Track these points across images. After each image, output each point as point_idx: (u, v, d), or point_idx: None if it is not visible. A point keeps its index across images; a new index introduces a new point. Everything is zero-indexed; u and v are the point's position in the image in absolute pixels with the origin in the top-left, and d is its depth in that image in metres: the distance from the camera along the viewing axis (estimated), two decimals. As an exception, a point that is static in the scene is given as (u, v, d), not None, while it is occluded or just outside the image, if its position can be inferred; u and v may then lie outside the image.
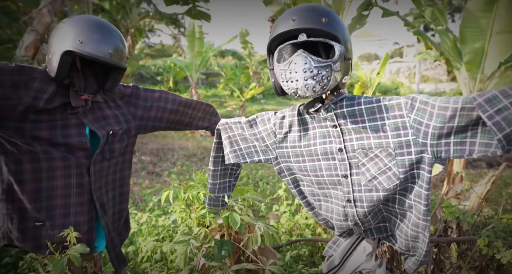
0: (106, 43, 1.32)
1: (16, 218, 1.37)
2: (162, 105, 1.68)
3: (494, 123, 0.89)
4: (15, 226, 1.37)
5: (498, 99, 0.89)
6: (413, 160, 1.06)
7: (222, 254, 1.37)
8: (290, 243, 2.08)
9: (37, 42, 4.20)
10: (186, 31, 8.67)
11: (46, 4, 4.21)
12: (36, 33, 4.18)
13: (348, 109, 1.14)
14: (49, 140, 1.34)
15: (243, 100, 12.47)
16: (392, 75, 20.31)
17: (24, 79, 1.28)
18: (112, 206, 1.51)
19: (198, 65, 9.11)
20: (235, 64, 16.77)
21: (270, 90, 16.90)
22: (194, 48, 8.68)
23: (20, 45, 4.14)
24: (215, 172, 1.48)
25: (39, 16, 4.20)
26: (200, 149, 5.95)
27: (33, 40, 4.17)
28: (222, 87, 15.83)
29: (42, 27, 4.22)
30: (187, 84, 15.39)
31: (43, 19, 4.21)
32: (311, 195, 1.36)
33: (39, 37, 4.21)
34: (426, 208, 1.07)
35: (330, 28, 1.05)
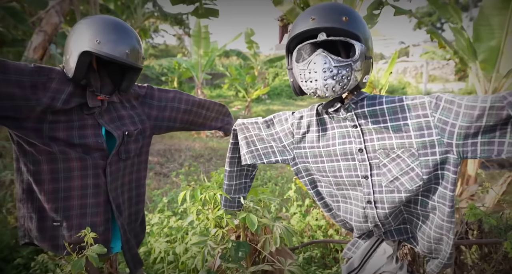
0: (123, 43, 1.32)
1: (35, 217, 1.38)
2: (176, 106, 1.69)
3: None
4: (34, 225, 1.39)
5: None
6: (437, 161, 1.05)
7: (239, 255, 1.37)
8: (307, 244, 2.08)
9: (45, 43, 4.23)
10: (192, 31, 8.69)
11: (54, 4, 4.24)
12: (44, 34, 4.21)
13: (369, 109, 1.13)
14: (66, 140, 1.35)
15: (249, 100, 12.48)
16: (399, 75, 20.21)
17: (43, 80, 1.29)
18: (128, 206, 1.52)
19: (204, 65, 9.13)
20: (239, 64, 16.79)
21: (275, 90, 16.92)
22: (200, 48, 8.69)
23: (28, 46, 4.17)
24: (231, 173, 1.48)
25: (47, 17, 4.23)
26: (207, 149, 5.96)
27: (42, 41, 4.20)
28: (227, 88, 15.86)
29: (50, 28, 4.25)
30: (192, 85, 15.43)
31: (51, 19, 4.25)
32: (329, 196, 1.35)
33: (47, 38, 4.25)
34: (451, 209, 1.06)
35: (351, 27, 1.04)
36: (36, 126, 1.30)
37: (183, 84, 15.78)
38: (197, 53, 8.87)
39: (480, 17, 2.63)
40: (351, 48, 1.13)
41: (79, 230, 1.37)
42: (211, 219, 1.34)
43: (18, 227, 1.46)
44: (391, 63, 4.64)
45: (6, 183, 2.78)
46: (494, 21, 2.56)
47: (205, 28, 8.54)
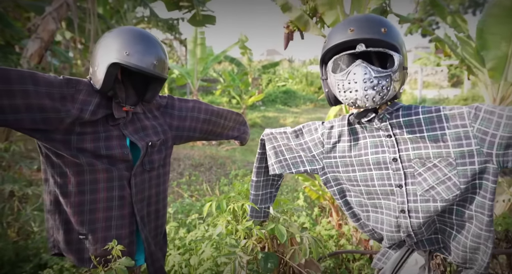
0: (150, 54, 1.34)
1: (62, 229, 1.39)
2: (196, 115, 1.70)
3: None
4: (62, 237, 1.39)
5: None
6: (476, 170, 1.09)
7: (269, 266, 1.38)
8: (332, 255, 2.09)
9: (41, 50, 4.21)
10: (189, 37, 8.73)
11: (51, 11, 4.23)
12: (40, 40, 4.19)
13: (405, 119, 1.17)
14: (94, 151, 1.35)
15: (244, 107, 12.52)
16: (393, 81, 20.51)
17: (71, 91, 1.30)
18: (154, 219, 1.52)
19: (200, 72, 9.16)
20: (232, 70, 16.86)
21: (269, 97, 17.01)
22: (196, 55, 8.73)
23: (24, 53, 4.14)
24: (258, 182, 1.50)
25: (44, 23, 4.22)
26: (207, 158, 5.95)
27: (38, 48, 4.17)
28: (219, 94, 15.87)
29: (47, 35, 4.23)
30: (183, 91, 15.41)
31: (48, 26, 4.23)
32: (359, 205, 1.37)
33: (43, 45, 4.22)
34: (490, 219, 1.09)
35: (390, 38, 1.08)
36: (65, 138, 1.30)
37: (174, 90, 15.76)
38: (193, 60, 8.89)
39: (487, 26, 2.72)
40: (386, 58, 1.17)
41: (104, 243, 1.37)
42: (240, 230, 1.35)
43: (48, 238, 1.47)
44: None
45: (5, 195, 2.74)
46: (502, 29, 2.65)
47: (202, 34, 8.59)
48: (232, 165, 5.76)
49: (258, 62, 21.92)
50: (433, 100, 15.00)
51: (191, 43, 8.73)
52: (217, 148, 7.38)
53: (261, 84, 18.04)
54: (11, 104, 1.17)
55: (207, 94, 17.44)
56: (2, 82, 1.15)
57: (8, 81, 1.17)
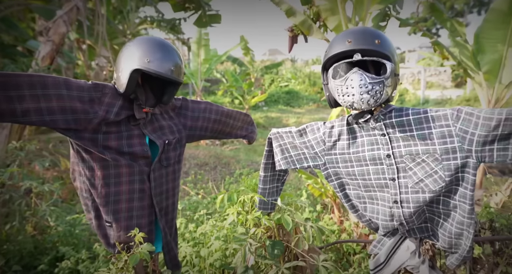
0: (168, 61, 1.51)
1: (93, 215, 1.58)
2: (207, 116, 1.87)
3: None
4: (95, 222, 1.59)
5: None
6: (458, 165, 1.25)
7: (275, 253, 1.55)
8: (333, 244, 2.26)
9: (53, 52, 4.39)
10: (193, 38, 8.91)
11: (62, 14, 4.41)
12: (52, 43, 4.37)
13: (397, 119, 1.33)
14: (117, 149, 1.52)
15: (247, 108, 12.69)
16: (396, 82, 20.60)
17: (98, 95, 1.47)
18: (170, 211, 1.70)
19: (203, 73, 9.33)
20: (234, 70, 17.02)
21: (272, 97, 17.16)
22: (200, 56, 8.91)
23: (36, 55, 4.33)
24: (266, 177, 1.66)
25: (55, 26, 4.40)
26: (212, 157, 6.13)
27: (49, 51, 4.36)
28: (221, 94, 16.04)
29: (58, 38, 4.41)
30: (185, 91, 15.59)
31: (59, 29, 4.41)
32: (357, 197, 1.54)
33: (55, 47, 4.40)
34: (471, 207, 1.26)
35: (383, 48, 1.25)
36: (93, 137, 1.48)
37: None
38: (197, 61, 9.08)
39: (483, 31, 2.88)
40: (380, 66, 1.34)
41: (127, 231, 1.55)
42: (250, 220, 1.52)
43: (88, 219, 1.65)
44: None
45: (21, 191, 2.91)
46: (497, 35, 2.81)
47: (206, 35, 8.77)
48: (237, 164, 5.93)
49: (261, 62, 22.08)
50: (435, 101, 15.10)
51: (195, 44, 8.90)
52: (221, 148, 7.55)
53: (263, 85, 18.18)
54: (48, 107, 1.35)
55: (209, 94, 17.62)
56: (40, 88, 1.33)
57: (45, 86, 1.35)
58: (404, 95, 17.16)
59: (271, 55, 54.93)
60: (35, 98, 1.31)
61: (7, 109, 1.27)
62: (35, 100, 1.31)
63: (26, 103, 1.30)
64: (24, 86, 1.30)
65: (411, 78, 21.63)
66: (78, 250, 2.79)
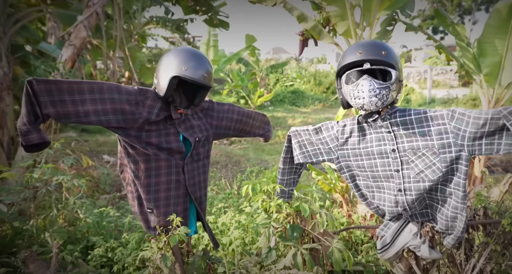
0: (201, 69, 1.76)
1: (136, 203, 1.82)
2: (230, 116, 2.12)
3: None
4: (138, 209, 1.83)
5: None
6: (453, 157, 1.49)
7: (294, 235, 1.79)
8: (344, 230, 2.51)
9: (74, 56, 4.67)
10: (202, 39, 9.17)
11: (82, 20, 4.69)
12: (73, 47, 4.65)
13: (401, 119, 1.57)
14: (157, 145, 1.78)
15: (253, 107, 12.94)
16: (402, 81, 20.71)
17: (142, 98, 1.73)
18: (204, 200, 1.96)
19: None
20: (239, 69, 17.24)
21: (277, 97, 17.37)
22: (208, 57, 9.17)
23: (59, 59, 4.61)
24: (284, 169, 1.91)
25: (76, 31, 4.68)
26: (222, 156, 6.38)
27: (71, 54, 4.64)
28: (226, 94, 16.29)
29: (79, 42, 4.69)
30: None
31: (80, 34, 4.69)
32: (366, 187, 1.78)
33: (76, 51, 4.69)
34: (464, 194, 1.49)
35: (388, 58, 1.49)
36: (138, 134, 1.73)
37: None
38: (205, 61, 9.33)
39: (484, 35, 3.10)
40: (386, 73, 1.58)
41: (165, 217, 1.81)
42: (273, 206, 1.76)
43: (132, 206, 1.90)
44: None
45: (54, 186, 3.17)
46: (497, 39, 3.03)
47: (214, 36, 9.03)
48: (247, 162, 6.18)
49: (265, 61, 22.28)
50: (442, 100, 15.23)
51: (203, 45, 9.16)
52: (230, 147, 7.80)
53: (269, 84, 18.39)
54: (104, 109, 1.61)
55: (214, 94, 17.88)
56: (97, 93, 1.59)
57: (101, 91, 1.61)
58: (410, 95, 17.28)
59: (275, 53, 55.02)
60: (94, 101, 1.57)
61: (73, 111, 1.53)
62: (94, 103, 1.57)
63: (87, 106, 1.56)
64: (85, 91, 1.56)
65: (418, 77, 21.73)
66: (106, 239, 3.05)
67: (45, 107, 1.50)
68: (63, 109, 1.53)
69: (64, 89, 1.53)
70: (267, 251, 1.78)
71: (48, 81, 1.51)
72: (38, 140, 1.53)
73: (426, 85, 17.70)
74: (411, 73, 22.32)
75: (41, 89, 1.48)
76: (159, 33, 13.48)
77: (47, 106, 1.50)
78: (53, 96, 1.51)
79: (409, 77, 22.04)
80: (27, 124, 1.49)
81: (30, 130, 1.50)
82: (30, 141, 1.52)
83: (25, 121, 1.49)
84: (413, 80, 21.54)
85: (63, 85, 1.53)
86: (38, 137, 1.52)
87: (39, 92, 1.48)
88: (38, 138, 1.53)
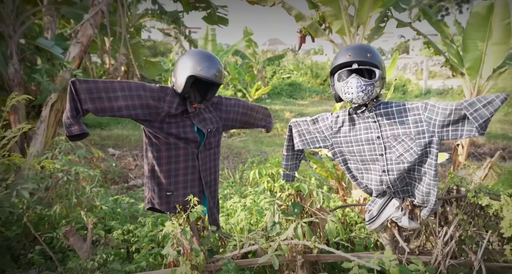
0: (213, 68, 2.07)
1: (156, 189, 2.13)
2: (237, 110, 2.44)
3: (473, 118, 1.66)
4: (156, 194, 2.13)
5: (476, 103, 1.66)
6: (426, 142, 1.82)
7: (295, 211, 2.13)
8: (339, 207, 2.86)
9: (81, 53, 4.94)
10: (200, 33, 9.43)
11: (89, 18, 4.95)
12: (81, 44, 4.93)
13: (384, 110, 1.90)
14: (177, 135, 2.10)
15: (250, 100, 13.24)
16: (399, 72, 21.07)
17: (163, 95, 2.04)
18: (213, 184, 2.28)
19: (210, 67, 9.84)
20: (235, 62, 17.46)
21: (275, 89, 17.67)
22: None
23: (67, 56, 4.88)
24: (288, 156, 2.24)
25: (83, 29, 4.95)
26: (223, 148, 6.70)
27: (79, 52, 4.91)
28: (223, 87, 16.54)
29: (86, 39, 4.96)
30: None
31: (86, 32, 4.96)
32: (356, 169, 2.11)
33: (83, 49, 4.96)
34: (435, 172, 1.83)
35: (373, 60, 1.81)
36: (160, 126, 2.05)
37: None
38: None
39: (467, 32, 3.43)
40: (371, 72, 1.90)
41: (184, 197, 2.13)
42: (277, 186, 2.09)
43: (144, 197, 2.20)
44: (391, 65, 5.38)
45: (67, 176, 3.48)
46: (477, 36, 3.36)
47: (212, 31, 9.29)
48: (247, 154, 6.51)
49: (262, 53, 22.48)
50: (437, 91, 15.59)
51: (202, 39, 9.42)
52: (230, 140, 8.13)
53: (266, 77, 18.64)
54: (133, 104, 1.92)
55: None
56: (127, 90, 1.91)
57: (131, 89, 1.92)
58: (407, 86, 17.63)
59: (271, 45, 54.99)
60: (125, 98, 1.89)
61: (108, 107, 1.85)
62: (125, 99, 1.89)
63: (119, 102, 1.88)
64: (117, 89, 1.88)
65: (415, 68, 22.05)
66: (122, 224, 3.38)
67: (85, 103, 1.82)
68: (100, 105, 1.84)
69: (101, 88, 1.84)
70: (272, 225, 2.11)
71: (87, 81, 1.82)
72: (79, 131, 1.84)
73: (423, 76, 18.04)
74: (408, 64, 22.61)
75: (82, 88, 1.80)
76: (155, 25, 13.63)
77: (86, 103, 1.82)
78: (92, 94, 1.82)
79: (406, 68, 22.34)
80: (70, 118, 1.81)
81: (73, 123, 1.82)
82: (72, 132, 1.83)
83: (68, 116, 1.81)
84: (410, 71, 21.85)
85: (100, 85, 1.85)
86: (79, 129, 1.84)
87: (80, 91, 1.80)
88: (79, 129, 1.84)
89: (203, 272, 2.09)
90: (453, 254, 2.00)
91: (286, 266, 2.21)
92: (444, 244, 1.96)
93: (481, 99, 1.67)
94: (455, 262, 1.95)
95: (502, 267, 1.97)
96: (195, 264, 2.02)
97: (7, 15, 4.88)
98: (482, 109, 1.66)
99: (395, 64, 5.34)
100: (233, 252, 2.16)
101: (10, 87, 4.97)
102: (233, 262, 2.04)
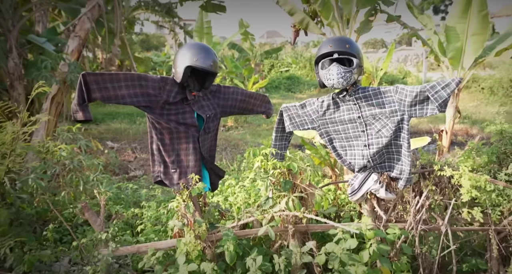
0: (209, 59, 2.42)
1: (162, 165, 2.49)
2: (235, 97, 2.79)
3: (434, 98, 2.03)
4: (162, 169, 2.50)
5: (436, 86, 2.03)
6: (398, 119, 2.19)
7: (287, 187, 2.49)
8: (326, 185, 3.24)
9: (80, 47, 5.28)
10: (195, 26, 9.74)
11: (86, 12, 5.29)
12: (79, 38, 5.26)
13: (362, 94, 2.26)
14: (177, 121, 2.45)
15: (248, 94, 13.51)
16: (400, 64, 21.42)
17: (163, 84, 2.39)
18: (211, 162, 2.64)
19: (206, 61, 10.15)
20: (232, 55, 17.73)
21: (273, 83, 18.00)
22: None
23: (66, 50, 5.22)
24: (277, 137, 2.61)
25: (80, 23, 5.28)
26: (221, 140, 7.07)
27: (77, 45, 5.25)
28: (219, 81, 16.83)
29: (84, 33, 5.29)
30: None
31: (84, 25, 5.29)
32: (341, 147, 2.48)
33: (81, 42, 5.30)
34: (408, 145, 2.20)
35: (351, 50, 2.17)
36: (161, 112, 2.40)
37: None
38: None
39: (448, 24, 3.79)
40: (350, 61, 2.26)
41: (186, 175, 2.49)
42: (270, 164, 2.45)
43: (152, 172, 2.56)
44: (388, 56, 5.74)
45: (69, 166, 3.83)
46: (459, 27, 3.72)
47: (208, 23, 9.60)
48: (245, 145, 6.88)
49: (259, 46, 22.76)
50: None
51: (197, 32, 9.73)
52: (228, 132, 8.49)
53: (263, 70, 18.95)
54: (135, 92, 2.28)
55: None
56: (130, 80, 2.26)
57: (133, 79, 2.28)
58: (407, 78, 18.00)
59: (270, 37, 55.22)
60: (128, 87, 2.24)
61: (113, 95, 2.21)
62: (128, 88, 2.24)
63: (123, 91, 2.23)
64: (122, 79, 2.23)
65: (415, 60, 22.42)
66: (126, 209, 3.74)
67: (93, 93, 2.17)
68: (107, 94, 2.20)
69: (107, 79, 2.20)
70: (266, 199, 2.48)
71: (95, 73, 2.18)
72: (82, 118, 2.20)
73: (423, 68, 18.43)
74: (409, 56, 22.97)
75: (91, 80, 2.15)
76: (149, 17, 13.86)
77: (95, 92, 2.18)
78: (99, 84, 2.18)
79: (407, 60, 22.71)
80: (77, 105, 2.17)
81: (78, 110, 2.18)
82: (78, 117, 2.20)
83: (75, 103, 2.17)
84: (410, 63, 22.22)
85: (106, 76, 2.20)
86: (83, 115, 2.19)
87: (89, 82, 2.15)
88: (83, 116, 2.20)
89: (205, 241, 2.46)
90: (425, 221, 2.37)
91: (280, 236, 2.58)
92: (417, 212, 2.33)
93: (440, 83, 2.04)
94: (426, 227, 2.32)
95: (466, 230, 2.35)
96: (198, 233, 2.38)
97: (5, 9, 5.21)
98: (441, 91, 2.03)
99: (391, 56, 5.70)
100: (232, 224, 2.52)
101: (10, 81, 5.30)
102: (232, 231, 2.40)
